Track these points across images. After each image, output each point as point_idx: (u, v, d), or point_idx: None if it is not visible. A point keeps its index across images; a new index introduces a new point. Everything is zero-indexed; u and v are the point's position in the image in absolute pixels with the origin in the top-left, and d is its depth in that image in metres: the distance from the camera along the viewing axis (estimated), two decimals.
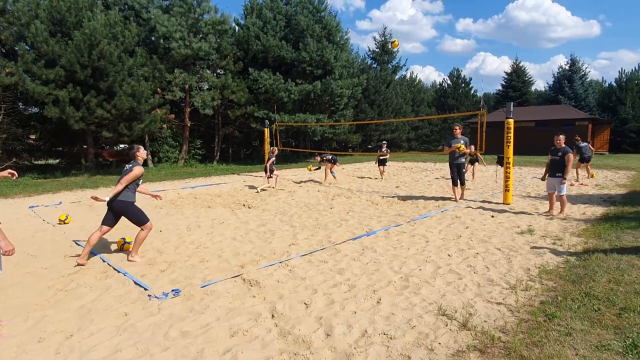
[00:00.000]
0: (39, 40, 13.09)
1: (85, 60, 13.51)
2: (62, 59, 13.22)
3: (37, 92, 13.05)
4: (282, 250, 5.28)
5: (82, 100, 13.74)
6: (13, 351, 2.90)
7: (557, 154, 6.91)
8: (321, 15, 21.80)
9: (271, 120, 18.49)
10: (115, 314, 3.48)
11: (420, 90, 38.43)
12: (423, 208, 8.12)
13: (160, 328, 3.20)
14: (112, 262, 4.84)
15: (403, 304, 3.53)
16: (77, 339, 3.07)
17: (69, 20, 13.82)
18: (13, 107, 15.69)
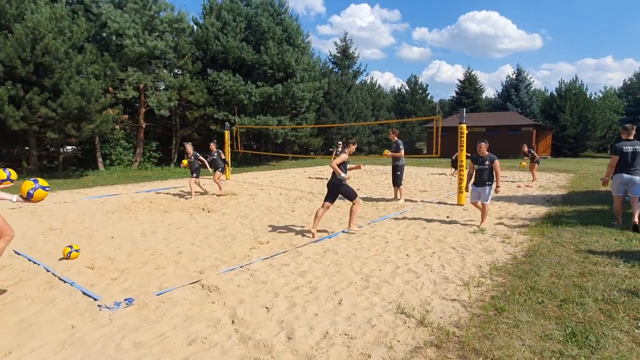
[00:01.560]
0: None
1: (28, 55, 12.55)
2: (1, 54, 12.21)
3: None
4: (242, 255, 5.19)
5: (24, 98, 12.75)
6: None
7: (485, 163, 6.36)
8: (282, 17, 21.77)
9: (231, 122, 18.16)
10: (61, 327, 3.25)
11: (380, 95, 39.37)
12: (383, 210, 8.31)
13: (112, 340, 3.02)
14: (58, 272, 4.51)
15: (363, 304, 3.59)
16: (16, 355, 2.83)
17: (9, 12, 12.79)
18: None
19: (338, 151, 13.82)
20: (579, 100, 32.37)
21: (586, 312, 3.28)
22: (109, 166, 18.00)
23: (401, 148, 9.05)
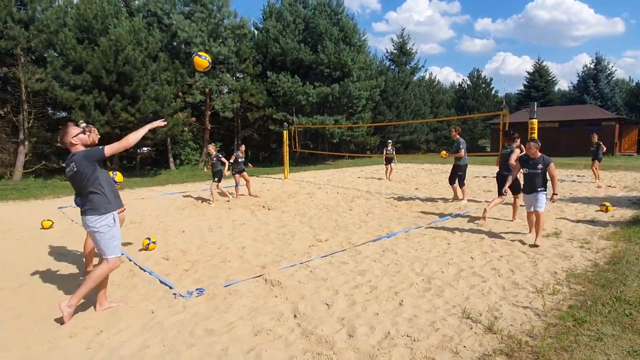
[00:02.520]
0: (68, 47, 13.59)
1: (111, 65, 13.94)
2: (89, 65, 13.69)
3: (65, 97, 13.54)
4: (302, 252, 5.31)
5: (108, 104, 14.18)
6: (45, 347, 3.01)
7: (537, 166, 5.30)
8: (338, 17, 21.86)
9: (289, 122, 18.62)
10: (142, 311, 3.58)
11: (439, 92, 37.89)
12: (444, 210, 8.01)
13: (186, 326, 3.26)
14: (138, 261, 4.97)
15: (426, 306, 3.50)
16: (106, 335, 3.17)
17: (96, 27, 14.30)
18: (42, 112, 16.36)
19: (388, 150, 13.63)
20: None
21: None
22: (179, 165, 19.41)
23: (461, 147, 8.58)
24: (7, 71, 14.88)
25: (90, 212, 3.41)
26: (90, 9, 14.25)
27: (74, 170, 3.38)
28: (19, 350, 2.98)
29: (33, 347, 3.01)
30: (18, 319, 3.47)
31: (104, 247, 3.47)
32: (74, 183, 3.49)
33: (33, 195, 10.99)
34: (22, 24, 14.34)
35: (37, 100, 15.76)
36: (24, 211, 8.83)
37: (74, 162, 3.38)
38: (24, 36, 14.18)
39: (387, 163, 13.76)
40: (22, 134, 15.17)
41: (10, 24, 13.84)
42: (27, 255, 5.40)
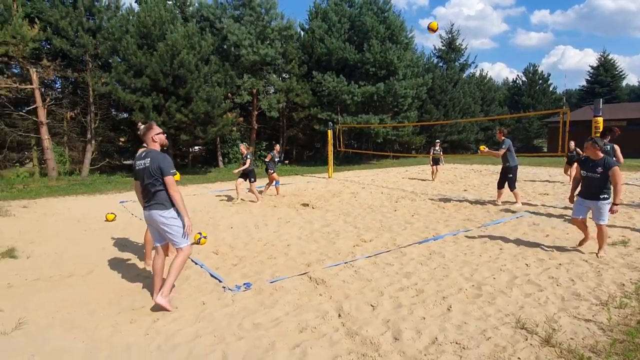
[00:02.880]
0: (129, 53, 14.60)
1: (167, 69, 14.79)
2: (148, 69, 14.61)
3: (126, 99, 14.57)
4: (346, 251, 5.31)
5: (164, 106, 15.06)
6: (109, 330, 3.27)
7: (596, 170, 4.59)
8: (385, 15, 21.55)
9: (334, 121, 18.67)
10: (194, 302, 3.76)
11: (491, 89, 36.08)
12: (495, 213, 7.63)
13: (235, 319, 3.39)
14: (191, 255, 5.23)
15: (476, 313, 3.36)
16: (162, 322, 3.37)
17: (154, 33, 15.23)
18: (107, 113, 17.75)
19: (436, 150, 13.18)
20: None
21: None
22: (227, 164, 20.17)
23: (503, 147, 8.09)
24: (77, 76, 16.34)
25: (157, 206, 3.58)
26: (150, 16, 15.20)
27: (146, 165, 3.57)
28: (88, 331, 3.26)
29: (99, 329, 3.28)
30: (87, 304, 3.79)
31: (175, 238, 3.63)
32: (142, 176, 3.63)
33: (98, 190, 11.95)
34: (91, 33, 15.64)
35: (102, 102, 17.14)
36: (91, 204, 9.63)
37: (150, 159, 3.57)
38: (92, 44, 15.47)
39: (435, 164, 13.40)
40: (89, 134, 16.55)
41: (80, 32, 15.16)
42: (93, 245, 5.88)
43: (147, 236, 4.79)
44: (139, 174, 3.68)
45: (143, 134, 3.76)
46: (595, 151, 4.67)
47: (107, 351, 2.94)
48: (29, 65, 14.68)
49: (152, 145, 3.73)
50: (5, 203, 9.34)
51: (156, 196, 3.59)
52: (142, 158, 3.64)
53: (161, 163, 3.56)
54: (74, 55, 15.56)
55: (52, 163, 15.47)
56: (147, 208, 3.66)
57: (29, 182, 13.76)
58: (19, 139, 15.83)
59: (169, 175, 3.57)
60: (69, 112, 16.56)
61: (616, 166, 4.55)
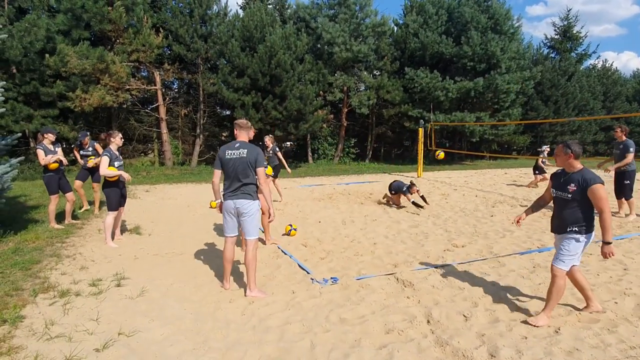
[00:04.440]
0: (233, 55, 15.92)
1: (265, 69, 15.77)
2: (249, 70, 15.76)
3: (230, 98, 15.93)
4: (436, 255, 5.07)
5: (261, 103, 16.11)
6: (212, 305, 3.63)
7: (567, 188, 3.27)
8: (488, 4, 19.91)
9: (426, 119, 17.92)
10: (285, 290, 3.97)
11: (616, 82, 30.85)
12: (618, 227, 6.56)
13: (322, 310, 3.49)
14: (281, 245, 5.53)
15: (592, 341, 2.93)
16: (256, 305, 3.62)
17: (255, 36, 16.34)
18: (213, 111, 19.65)
19: (544, 155, 11.51)
20: None
21: None
22: (316, 160, 20.79)
23: (631, 150, 6.98)
24: (191, 77, 18.38)
25: (245, 196, 3.73)
26: (252, 20, 16.35)
27: (242, 155, 3.72)
28: (195, 304, 3.66)
29: (204, 304, 3.67)
30: (195, 279, 4.26)
31: (253, 228, 3.82)
32: (234, 166, 3.70)
33: (204, 179, 13.32)
34: (203, 39, 17.43)
35: (210, 101, 19.03)
36: (198, 192, 10.77)
37: (247, 150, 3.75)
38: (203, 48, 17.23)
39: (538, 172, 11.58)
40: (198, 129, 18.52)
41: (195, 38, 17.00)
42: (200, 227, 6.59)
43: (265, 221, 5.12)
44: (230, 163, 3.72)
45: (243, 127, 3.93)
46: (567, 159, 3.24)
47: (211, 324, 3.27)
48: (154, 69, 16.96)
49: (247, 139, 3.92)
50: (133, 187, 10.97)
51: (246, 187, 3.72)
52: (236, 148, 3.77)
53: (258, 155, 3.76)
54: (189, 59, 17.54)
55: (169, 154, 17.70)
56: (232, 197, 3.74)
57: (150, 170, 15.97)
58: (144, 133, 18.45)
59: (262, 167, 3.76)
60: (183, 109, 18.75)
61: (599, 183, 3.12)
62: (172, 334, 3.11)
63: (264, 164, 3.79)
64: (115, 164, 5.35)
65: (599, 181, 3.11)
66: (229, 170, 3.74)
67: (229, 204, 3.78)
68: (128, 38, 15.30)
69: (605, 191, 3.10)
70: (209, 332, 3.13)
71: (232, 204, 3.76)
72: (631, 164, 7.16)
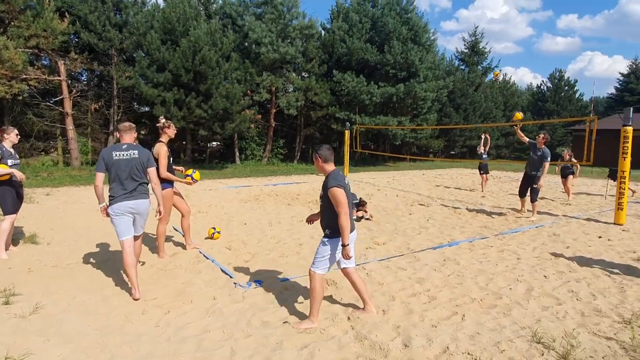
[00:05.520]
0: (153, 48, 14.87)
1: (189, 65, 15.00)
2: (170, 64, 14.85)
3: (149, 93, 14.84)
4: (358, 253, 5.24)
5: (184, 101, 15.28)
6: (121, 319, 3.31)
7: None
8: (408, 16, 21.31)
9: (352, 121, 18.57)
10: (205, 296, 3.78)
11: (514, 94, 35.22)
12: (513, 222, 7.43)
13: (244, 315, 3.39)
14: (203, 249, 5.28)
15: (490, 324, 3.26)
16: (173, 315, 3.40)
17: (178, 29, 15.47)
18: (129, 106, 18.13)
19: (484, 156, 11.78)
20: None
21: None
22: (244, 160, 20.34)
23: (548, 159, 7.29)
24: (102, 69, 16.76)
25: (142, 196, 3.85)
26: (174, 12, 15.44)
27: (134, 156, 3.82)
28: (101, 318, 3.31)
29: (112, 317, 3.33)
30: (102, 291, 3.85)
31: (143, 225, 4.02)
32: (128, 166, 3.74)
33: None
34: (117, 27, 16.01)
35: (125, 96, 17.53)
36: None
37: (137, 150, 3.85)
38: (118, 38, 15.83)
39: (484, 172, 11.69)
40: (111, 126, 16.95)
41: (108, 27, 15.54)
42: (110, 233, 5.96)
43: (160, 229, 4.86)
44: (120, 164, 3.71)
45: (126, 130, 3.87)
46: (317, 163, 3.39)
47: (119, 338, 2.98)
48: (58, 57, 15.12)
49: (132, 141, 3.91)
50: (30, 190, 9.64)
51: (142, 186, 3.86)
52: (125, 150, 3.78)
53: (150, 155, 3.94)
54: (100, 49, 15.97)
55: (76, 153, 15.91)
56: (128, 198, 3.74)
57: (53, 171, 14.19)
58: (45, 129, 16.33)
59: (153, 167, 3.96)
60: (93, 104, 17.00)
61: (334, 187, 3.07)
62: (72, 352, 2.78)
63: (154, 165, 3.98)
64: (9, 162, 4.67)
65: (335, 184, 3.07)
66: (121, 172, 3.74)
67: (125, 205, 3.75)
68: (25, 21, 13.44)
69: (343, 195, 3.07)
70: (116, 348, 2.85)
71: (129, 204, 3.76)
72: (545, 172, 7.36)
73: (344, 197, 3.06)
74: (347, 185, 3.24)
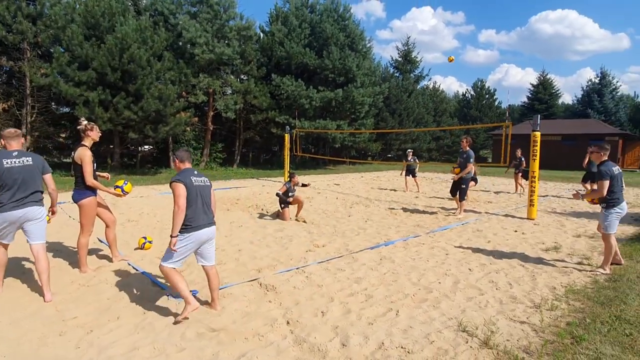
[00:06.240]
0: (74, 44, 13.63)
1: (116, 63, 13.98)
2: (95, 62, 13.72)
3: (69, 93, 13.56)
4: (299, 256, 5.26)
5: (111, 101, 14.19)
6: (35, 343, 2.97)
7: None
8: (345, 23, 21.95)
9: (292, 125, 18.62)
10: (134, 311, 3.53)
11: (443, 101, 37.92)
12: (443, 220, 7.96)
13: (177, 328, 3.21)
14: (132, 261, 4.92)
15: (421, 318, 3.45)
16: (96, 334, 3.12)
17: (103, 24, 14.35)
18: (46, 107, 16.39)
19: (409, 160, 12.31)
20: None
21: None
22: None
23: (472, 160, 7.98)
24: (13, 65, 14.96)
25: (35, 203, 3.70)
26: (99, 6, 14.31)
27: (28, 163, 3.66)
28: (11, 343, 2.93)
29: (24, 342, 2.97)
30: (10, 314, 3.42)
31: (42, 232, 3.79)
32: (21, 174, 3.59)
33: None
34: (30, 19, 14.41)
35: (41, 95, 15.80)
36: None
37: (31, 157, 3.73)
38: (31, 31, 14.26)
39: (408, 174, 12.45)
40: (24, 128, 15.19)
41: (19, 18, 13.92)
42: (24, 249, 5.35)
43: (82, 242, 4.46)
44: (11, 172, 3.54)
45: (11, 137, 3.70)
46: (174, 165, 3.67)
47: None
48: None
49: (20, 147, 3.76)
50: None
51: (35, 194, 3.69)
52: (16, 157, 3.61)
53: (44, 162, 3.81)
54: (10, 42, 14.25)
55: None
56: (18, 207, 3.57)
57: None
58: None
59: (50, 173, 3.82)
60: (2, 103, 15.08)
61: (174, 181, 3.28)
62: None
63: (50, 170, 3.85)
64: None
65: (176, 179, 3.28)
66: (11, 180, 3.56)
67: (14, 215, 3.58)
68: None
69: (180, 189, 3.21)
70: None
71: (18, 213, 3.60)
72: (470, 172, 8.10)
73: (179, 192, 3.25)
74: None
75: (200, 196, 3.40)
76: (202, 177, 3.50)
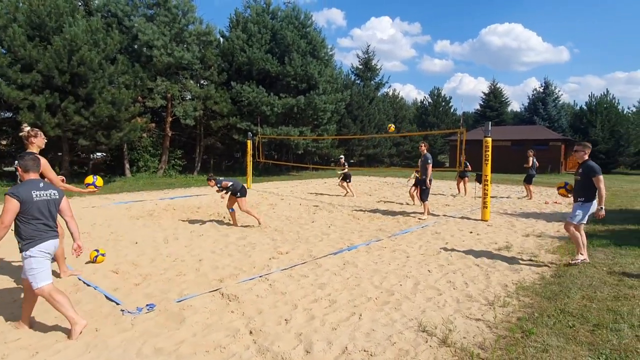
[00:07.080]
0: (16, 44, 12.72)
1: (64, 65, 13.19)
2: (40, 64, 12.87)
3: (11, 96, 12.60)
4: (262, 264, 5.19)
5: (59, 106, 13.36)
6: None
7: None
8: (306, 30, 22.13)
9: (254, 132, 18.44)
10: (85, 329, 3.32)
11: (402, 107, 39.18)
12: (404, 223, 8.18)
13: (133, 344, 3.06)
14: (83, 276, 4.64)
15: (384, 320, 3.51)
16: (43, 356, 2.90)
17: (49, 25, 13.52)
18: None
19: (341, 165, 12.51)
20: (611, 114, 31.29)
21: (621, 339, 3.09)
22: (136, 173, 18.55)
23: (429, 162, 8.52)
24: None
25: None
26: (44, 5, 13.47)
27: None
28: None
29: None
30: None
31: None
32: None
33: None
34: None
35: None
36: None
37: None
38: None
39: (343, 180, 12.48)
40: None
41: None
42: None
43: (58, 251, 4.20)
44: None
45: None
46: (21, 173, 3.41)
47: None
48: None
49: None
50: None
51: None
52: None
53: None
54: None
55: None
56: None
57: None
58: None
59: None
60: None
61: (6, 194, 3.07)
62: None
63: None
64: None
65: (10, 193, 3.06)
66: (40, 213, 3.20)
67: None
68: None
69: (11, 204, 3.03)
70: None
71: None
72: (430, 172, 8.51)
73: (8, 207, 3.03)
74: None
75: (41, 213, 3.15)
76: (48, 189, 3.24)
